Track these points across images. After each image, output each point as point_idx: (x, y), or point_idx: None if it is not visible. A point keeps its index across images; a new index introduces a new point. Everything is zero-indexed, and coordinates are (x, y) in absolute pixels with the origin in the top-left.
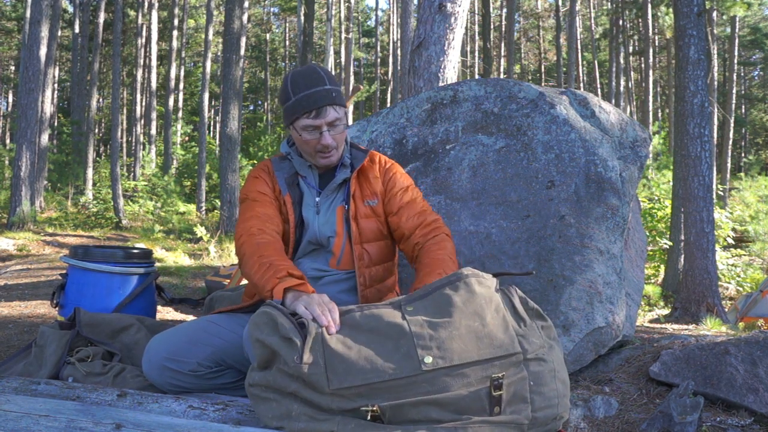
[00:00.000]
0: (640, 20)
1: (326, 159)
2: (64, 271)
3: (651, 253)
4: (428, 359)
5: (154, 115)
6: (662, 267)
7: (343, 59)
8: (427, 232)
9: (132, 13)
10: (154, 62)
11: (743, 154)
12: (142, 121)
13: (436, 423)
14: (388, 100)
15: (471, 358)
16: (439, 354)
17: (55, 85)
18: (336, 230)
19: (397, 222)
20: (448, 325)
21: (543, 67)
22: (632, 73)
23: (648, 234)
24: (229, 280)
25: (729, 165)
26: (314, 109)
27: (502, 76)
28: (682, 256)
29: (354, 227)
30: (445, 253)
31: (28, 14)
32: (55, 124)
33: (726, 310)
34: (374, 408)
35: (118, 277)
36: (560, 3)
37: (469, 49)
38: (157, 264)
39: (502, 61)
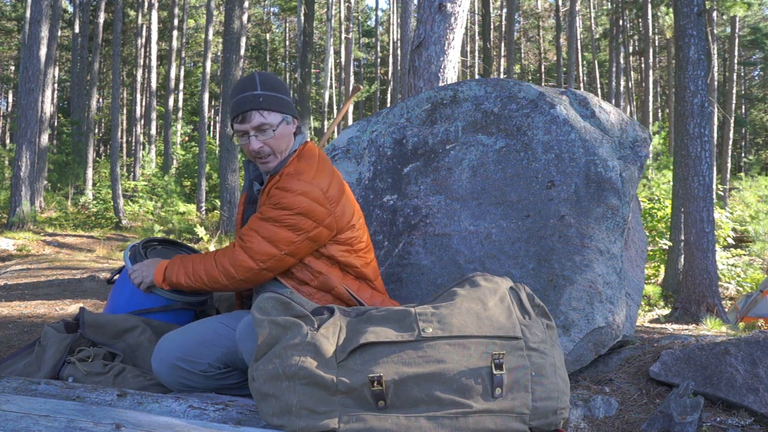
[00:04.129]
0: (640, 20)
1: (263, 164)
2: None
3: (651, 253)
4: (429, 329)
5: (154, 115)
6: (662, 267)
7: (343, 59)
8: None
9: (132, 13)
10: (154, 62)
11: (743, 154)
12: (142, 121)
13: (438, 405)
14: (388, 100)
15: (470, 332)
16: (439, 326)
17: (55, 85)
18: None
19: None
20: (450, 306)
21: (543, 67)
22: (632, 73)
23: (648, 234)
24: None
25: (729, 165)
26: (240, 113)
27: (502, 76)
28: (682, 256)
29: None
30: (207, 256)
31: (28, 14)
32: (55, 124)
33: (726, 310)
34: (379, 382)
35: None
36: (560, 3)
37: (469, 49)
38: None
39: (502, 61)
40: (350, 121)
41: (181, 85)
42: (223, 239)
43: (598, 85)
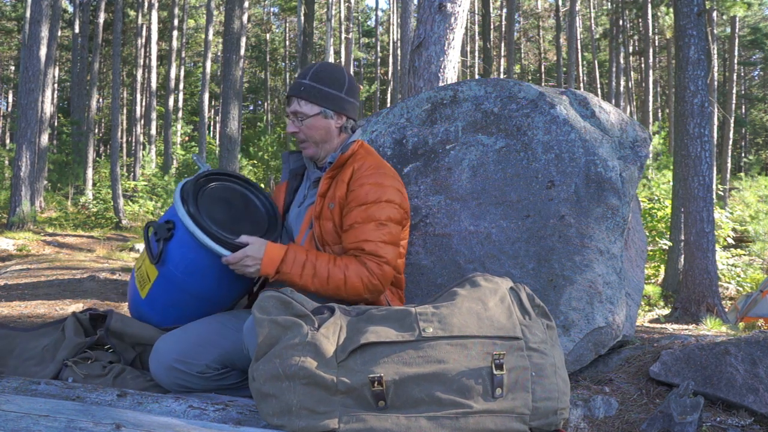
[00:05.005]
0: (640, 20)
1: (303, 150)
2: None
3: (651, 253)
4: (429, 329)
5: (154, 115)
6: (662, 267)
7: (343, 59)
8: (352, 249)
9: (132, 13)
10: (154, 62)
11: (743, 154)
12: (142, 121)
13: (438, 405)
14: (388, 100)
15: (471, 332)
16: (440, 326)
17: (55, 85)
18: (300, 227)
19: (343, 240)
20: (451, 305)
21: (543, 67)
22: (632, 73)
23: (648, 234)
24: None
25: (729, 165)
26: (287, 97)
27: (502, 76)
28: (682, 256)
29: (317, 227)
30: (337, 261)
31: (28, 14)
32: (55, 124)
33: (726, 310)
34: (379, 382)
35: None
36: (560, 3)
37: (469, 49)
38: None
39: (502, 61)
40: None
41: (181, 85)
42: None
43: (598, 85)
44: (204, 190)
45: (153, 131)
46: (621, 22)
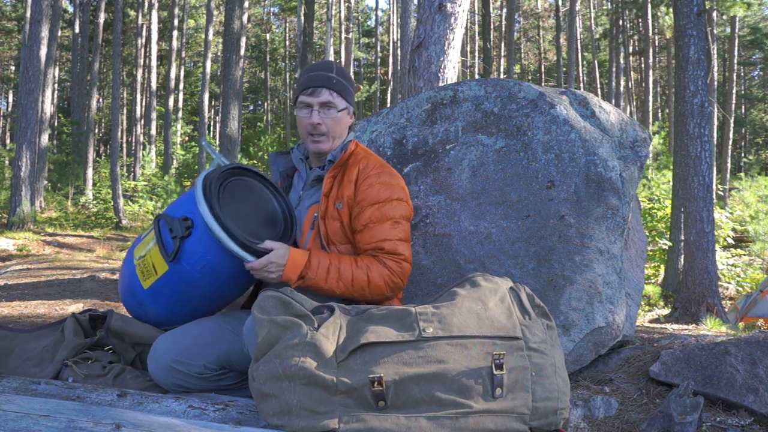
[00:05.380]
0: (640, 20)
1: (315, 144)
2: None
3: (651, 253)
4: (429, 329)
5: (154, 115)
6: (662, 267)
7: (343, 59)
8: (370, 249)
9: (132, 13)
10: (154, 62)
11: (743, 154)
12: (142, 121)
13: (438, 405)
14: (388, 100)
15: (471, 332)
16: (440, 326)
17: (55, 85)
18: (302, 229)
19: (358, 241)
20: (451, 305)
21: (543, 67)
22: (632, 73)
23: (648, 234)
24: None
25: (729, 165)
26: (311, 87)
27: (502, 76)
28: (682, 256)
29: (322, 227)
30: (359, 262)
31: (28, 14)
32: (55, 124)
33: (726, 310)
34: (379, 382)
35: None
36: (560, 3)
37: (469, 49)
38: None
39: (502, 61)
40: None
41: (181, 85)
42: None
43: (598, 85)
44: (224, 186)
45: (153, 131)
46: (621, 22)
